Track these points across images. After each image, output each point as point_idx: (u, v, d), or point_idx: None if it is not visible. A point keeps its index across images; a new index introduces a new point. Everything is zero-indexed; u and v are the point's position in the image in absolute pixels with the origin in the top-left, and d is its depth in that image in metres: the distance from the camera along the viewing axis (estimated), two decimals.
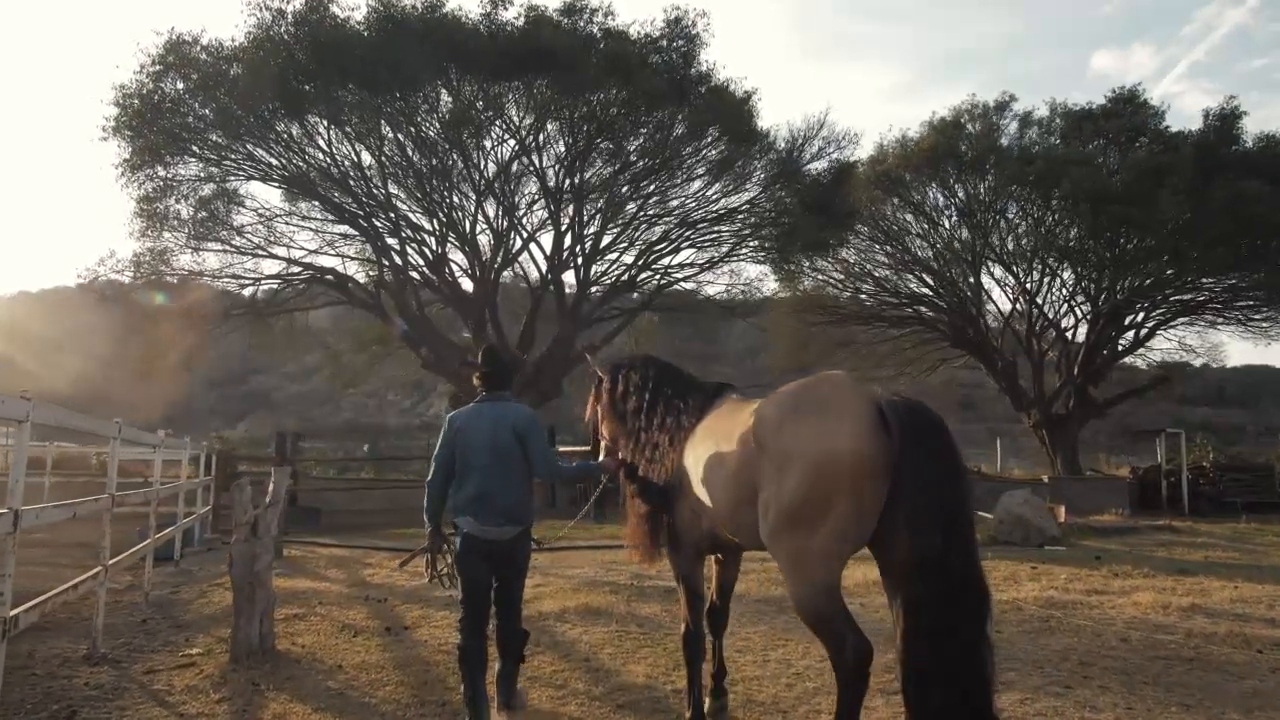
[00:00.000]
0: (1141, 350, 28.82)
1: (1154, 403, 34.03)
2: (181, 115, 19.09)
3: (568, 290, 23.65)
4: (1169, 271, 24.31)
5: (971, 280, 27.95)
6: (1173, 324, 27.91)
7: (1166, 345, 28.78)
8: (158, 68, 18.34)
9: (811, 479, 3.29)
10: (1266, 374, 66.47)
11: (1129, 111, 25.54)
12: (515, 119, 21.15)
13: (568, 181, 22.22)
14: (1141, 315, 27.42)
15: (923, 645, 3.11)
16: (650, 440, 4.52)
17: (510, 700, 4.54)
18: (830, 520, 3.26)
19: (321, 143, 20.93)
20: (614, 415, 4.91)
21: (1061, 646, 6.12)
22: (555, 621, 7.06)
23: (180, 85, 18.76)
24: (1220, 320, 27.76)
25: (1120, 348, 28.11)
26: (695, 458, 4.10)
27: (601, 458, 5.11)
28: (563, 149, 21.60)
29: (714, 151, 21.93)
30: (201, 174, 20.82)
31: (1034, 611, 7.41)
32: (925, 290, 28.69)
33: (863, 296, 29.28)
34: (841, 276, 28.73)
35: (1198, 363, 30.43)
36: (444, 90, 20.41)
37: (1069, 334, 27.72)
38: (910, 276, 28.68)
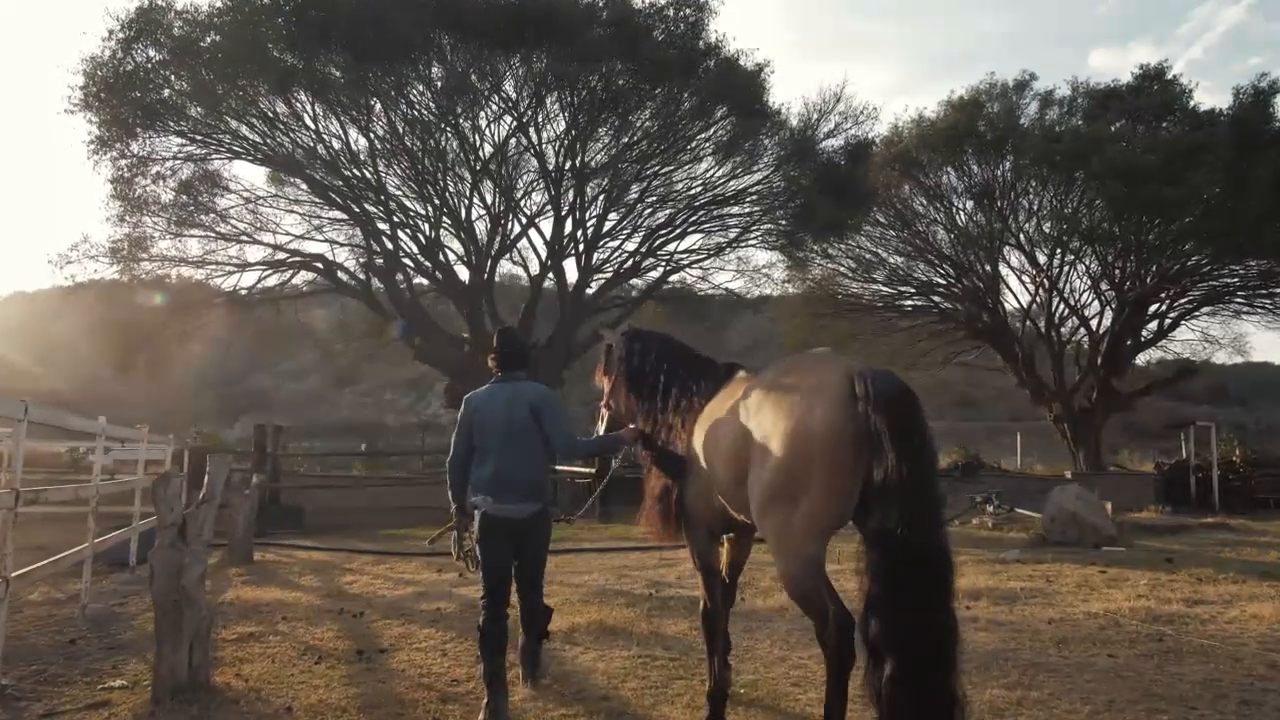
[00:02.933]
0: (1162, 342, 27.74)
1: (1154, 400, 32.86)
2: (156, 88, 17.80)
3: (568, 279, 22.39)
4: (1204, 254, 23.06)
5: (988, 269, 26.77)
6: (1196, 313, 26.79)
7: (1188, 337, 27.71)
8: (126, 34, 17.00)
9: (788, 452, 3.30)
10: (1267, 372, 65.67)
11: (1156, 89, 24.35)
12: (512, 93, 19.90)
13: (568, 163, 20.97)
14: (1165, 304, 26.28)
15: (876, 614, 3.03)
16: (665, 421, 4.50)
17: (534, 671, 4.71)
18: (811, 492, 3.25)
19: (308, 119, 19.64)
20: (629, 389, 4.81)
21: (1201, 677, 4.89)
22: (563, 644, 5.81)
23: (152, 53, 17.44)
24: (1246, 309, 26.59)
25: (1143, 338, 26.98)
26: (702, 437, 4.10)
27: (608, 430, 5.04)
28: (563, 126, 20.33)
29: (723, 128, 20.63)
30: (180, 153, 19.54)
31: (1137, 628, 6.18)
32: (940, 279, 27.52)
33: (876, 286, 28.13)
34: (853, 265, 27.56)
35: (1220, 355, 29.28)
36: (436, 63, 19.13)
37: (1092, 323, 26.59)
38: (924, 264, 27.49)
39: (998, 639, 5.84)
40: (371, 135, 19.98)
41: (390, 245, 21.17)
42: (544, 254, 22.30)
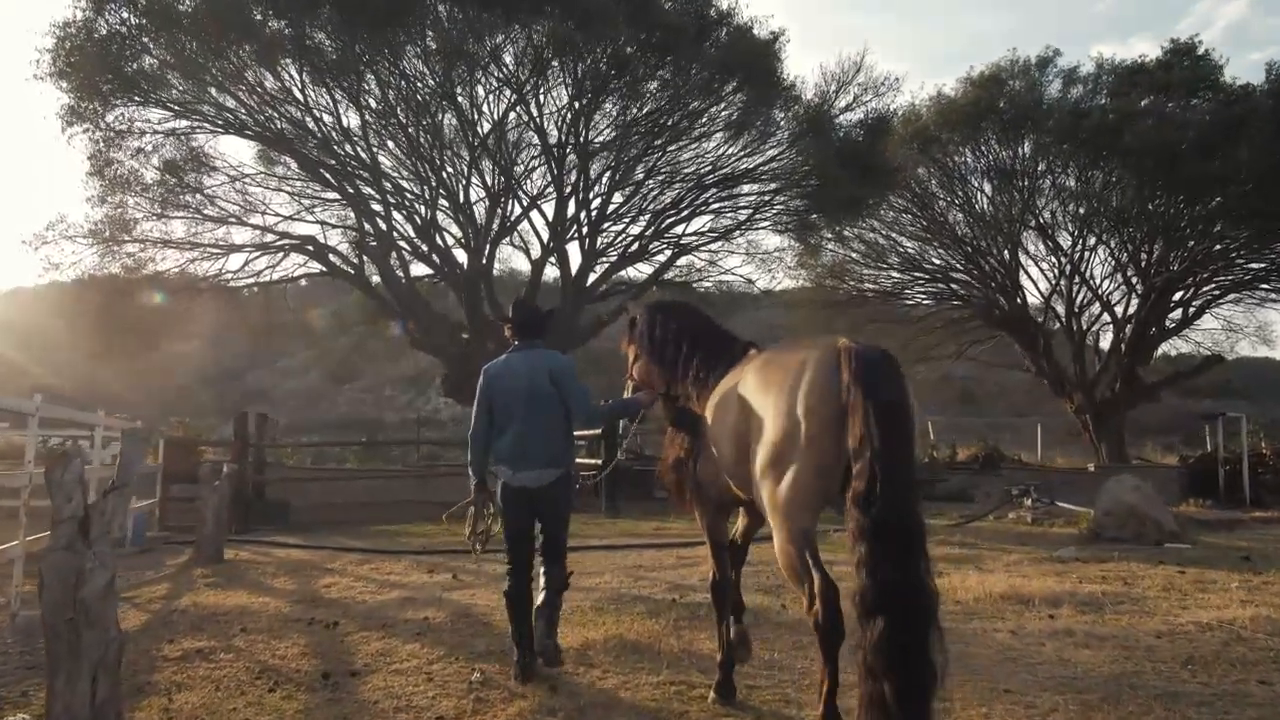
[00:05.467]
0: (1183, 331, 26.70)
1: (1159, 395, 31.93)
2: (133, 55, 16.69)
3: (571, 265, 21.29)
4: (1239, 235, 21.98)
5: (1007, 254, 25.73)
6: (1222, 301, 25.75)
7: (1210, 325, 26.71)
8: None
9: (778, 425, 3.36)
10: (1270, 366, 65.14)
11: (1186, 64, 23.29)
12: (511, 64, 18.78)
13: (571, 139, 19.87)
14: (1190, 292, 25.22)
15: (861, 575, 2.95)
16: (684, 391, 4.55)
17: (545, 646, 4.48)
18: (799, 462, 3.27)
19: (296, 91, 18.54)
20: (650, 360, 4.85)
21: None
22: (576, 665, 4.73)
23: (127, 17, 16.33)
24: (1273, 297, 25.53)
25: (1167, 326, 25.96)
26: (711, 413, 4.15)
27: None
28: (565, 99, 19.22)
29: (735, 101, 19.49)
30: (161, 126, 18.46)
31: (1267, 643, 5.10)
32: (957, 264, 26.48)
33: (889, 272, 27.10)
34: (865, 250, 26.52)
35: (1244, 344, 28.30)
36: (431, 30, 18.00)
37: (1116, 310, 25.53)
38: (941, 249, 26.45)
39: (1108, 659, 4.78)
40: (364, 108, 18.87)
41: (384, 226, 20.09)
42: (546, 236, 21.26)
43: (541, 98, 19.29)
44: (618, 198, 21.38)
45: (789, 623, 5.55)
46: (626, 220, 21.82)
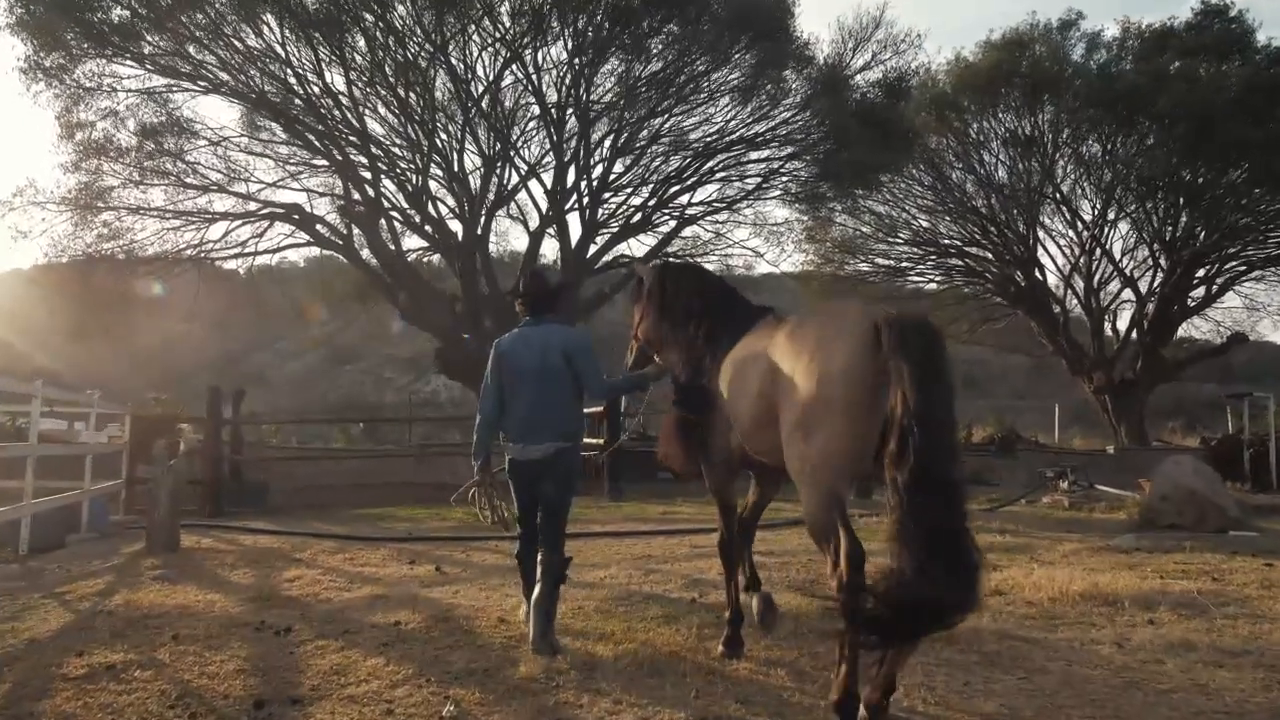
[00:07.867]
0: (1205, 310, 25.71)
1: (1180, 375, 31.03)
2: (101, 4, 15.58)
3: (571, 238, 20.20)
4: (1275, 205, 20.91)
5: (1024, 227, 24.67)
6: (1246, 278, 24.74)
7: (1232, 303, 25.75)
8: None
9: (808, 390, 3.35)
10: (1271, 352, 64.78)
11: (1219, 26, 22.19)
12: (507, 21, 17.63)
13: (570, 101, 18.75)
14: (1214, 268, 24.19)
15: (908, 533, 2.90)
16: (696, 352, 4.45)
17: (547, 629, 4.25)
18: (827, 427, 3.27)
19: (278, 48, 17.40)
20: (659, 319, 4.77)
21: None
22: (580, 693, 3.68)
23: None
24: None
25: (1189, 303, 24.96)
26: (728, 377, 4.11)
27: (636, 362, 5.07)
28: (565, 56, 18.08)
29: (745, 59, 18.35)
30: (134, 85, 17.35)
31: None
32: (972, 238, 25.44)
33: (900, 247, 26.07)
34: (876, 223, 25.45)
35: (1265, 324, 27.44)
36: None
37: (1139, 285, 24.51)
38: (956, 222, 25.40)
39: (1256, 683, 3.76)
40: (350, 66, 17.71)
41: (373, 194, 18.98)
42: (544, 206, 20.18)
43: (539, 56, 18.19)
44: (620, 165, 20.37)
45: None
46: (629, 190, 20.79)
